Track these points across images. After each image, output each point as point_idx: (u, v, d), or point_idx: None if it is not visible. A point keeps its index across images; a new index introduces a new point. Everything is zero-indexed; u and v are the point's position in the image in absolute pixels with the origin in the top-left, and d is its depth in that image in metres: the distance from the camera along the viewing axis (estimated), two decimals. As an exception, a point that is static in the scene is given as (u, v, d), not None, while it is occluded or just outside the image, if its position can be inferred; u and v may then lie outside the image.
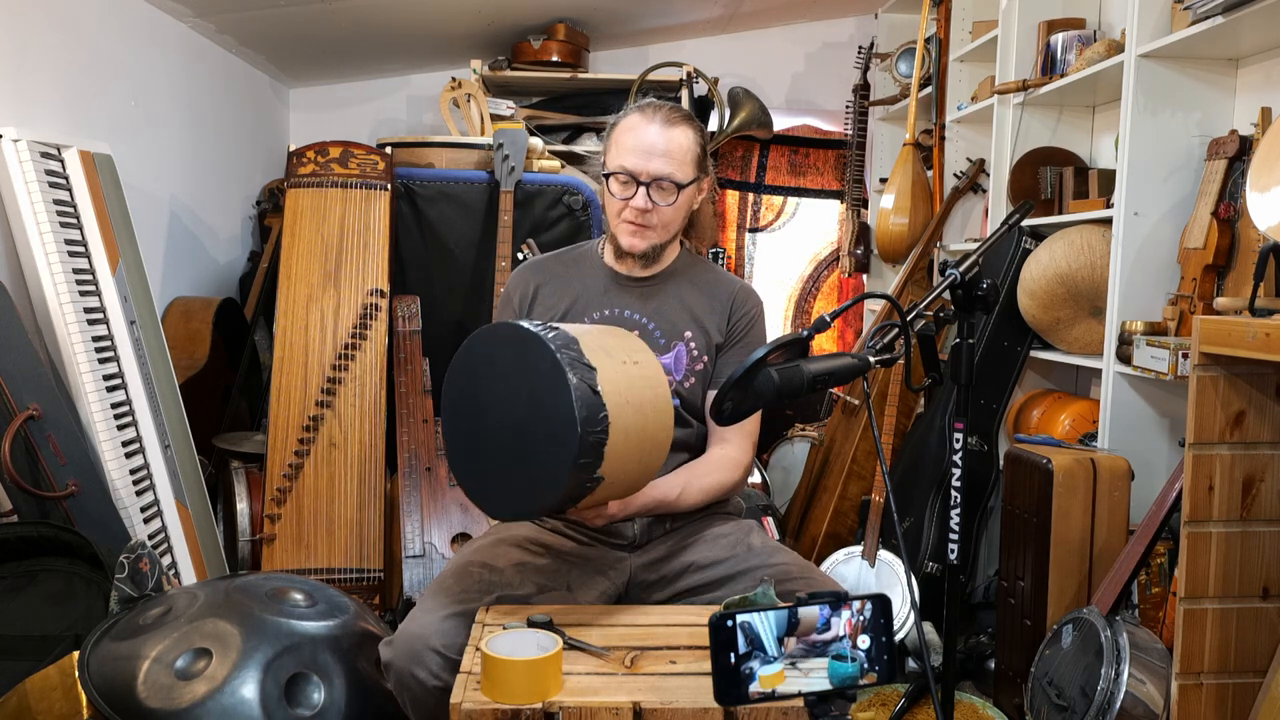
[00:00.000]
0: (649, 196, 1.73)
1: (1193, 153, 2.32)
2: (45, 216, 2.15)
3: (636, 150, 1.73)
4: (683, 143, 1.74)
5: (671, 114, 1.76)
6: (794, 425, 3.73)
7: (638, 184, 1.73)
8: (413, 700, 1.51)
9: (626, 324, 1.80)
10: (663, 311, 1.82)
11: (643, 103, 1.80)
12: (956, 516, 1.59)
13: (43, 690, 1.64)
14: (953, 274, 1.51)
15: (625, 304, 1.82)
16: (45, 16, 2.41)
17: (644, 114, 1.76)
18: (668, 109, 1.76)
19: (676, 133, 1.74)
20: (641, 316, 1.81)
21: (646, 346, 1.58)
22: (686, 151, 1.75)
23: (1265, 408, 1.74)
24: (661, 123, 1.73)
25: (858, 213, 4.04)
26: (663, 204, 1.74)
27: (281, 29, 3.42)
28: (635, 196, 1.74)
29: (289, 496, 2.70)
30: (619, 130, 1.77)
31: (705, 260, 1.93)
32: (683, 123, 1.76)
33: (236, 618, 1.66)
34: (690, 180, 1.76)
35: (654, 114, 1.75)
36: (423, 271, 3.14)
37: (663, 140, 1.72)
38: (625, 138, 1.75)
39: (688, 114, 1.79)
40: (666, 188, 1.73)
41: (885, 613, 1.18)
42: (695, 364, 1.80)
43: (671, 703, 1.25)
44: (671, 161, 1.73)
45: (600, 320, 1.81)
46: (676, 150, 1.73)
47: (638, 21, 3.94)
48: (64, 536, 1.88)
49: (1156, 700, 1.87)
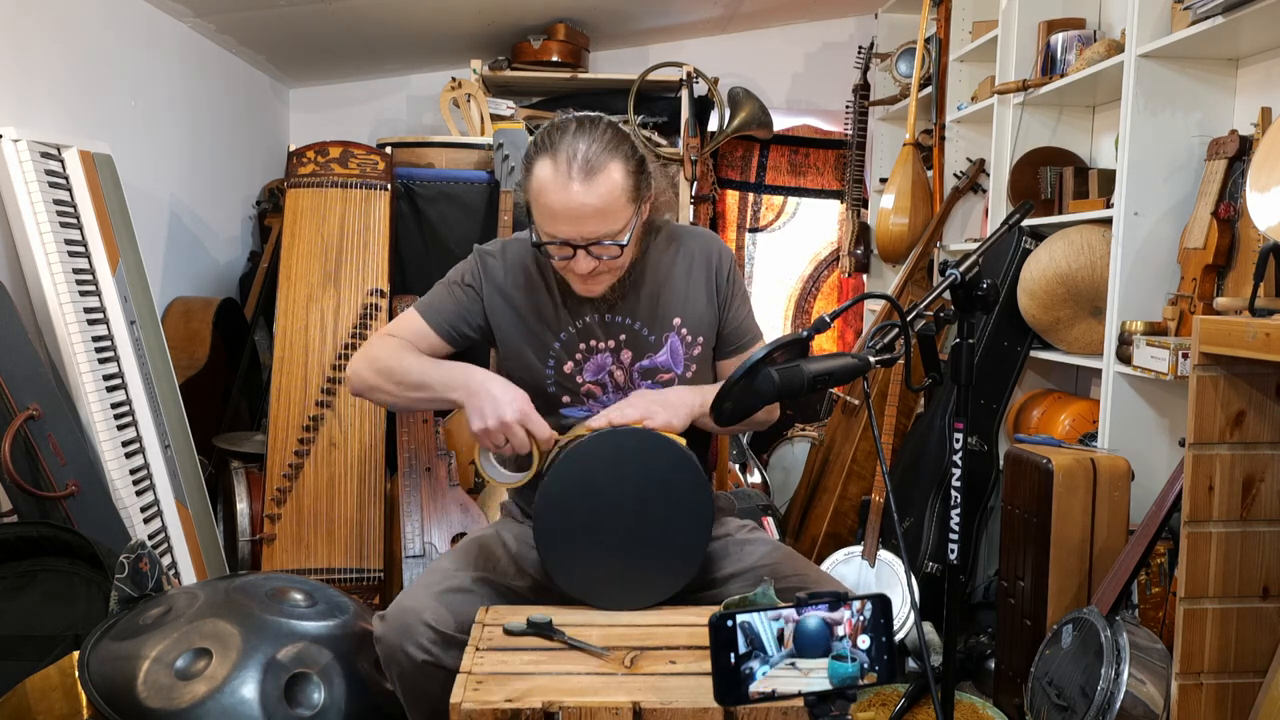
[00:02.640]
0: (591, 256, 1.54)
1: (1193, 153, 2.32)
2: (45, 216, 2.15)
3: (561, 216, 1.50)
4: (611, 192, 1.50)
5: (590, 154, 1.49)
6: (794, 425, 3.73)
7: (574, 248, 1.53)
8: (400, 675, 1.51)
9: (612, 329, 1.69)
10: (644, 307, 1.69)
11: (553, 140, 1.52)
12: (956, 516, 1.59)
13: (43, 690, 1.64)
14: (953, 274, 1.51)
15: (607, 308, 1.68)
16: (45, 16, 2.41)
17: (558, 167, 1.49)
18: (583, 151, 1.49)
19: (600, 184, 1.49)
20: (626, 319, 1.69)
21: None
22: (618, 197, 1.51)
23: (1265, 408, 1.74)
24: (581, 176, 1.48)
25: (858, 213, 4.04)
26: (608, 257, 1.55)
27: (281, 29, 3.42)
28: (575, 261, 1.55)
29: (289, 496, 2.70)
30: (535, 186, 1.52)
31: (667, 227, 1.75)
32: (607, 159, 1.50)
33: (236, 618, 1.66)
34: (631, 221, 1.55)
35: (569, 166, 1.48)
36: (423, 271, 3.14)
37: (588, 199, 1.49)
38: (544, 199, 1.51)
39: (610, 137, 1.53)
40: (608, 245, 1.53)
41: (885, 613, 1.18)
42: (692, 349, 1.71)
43: (671, 703, 1.25)
44: (604, 219, 1.51)
45: (584, 326, 1.68)
46: (607, 205, 1.50)
47: (638, 21, 3.94)
48: (64, 536, 1.88)
49: (1156, 700, 1.87)
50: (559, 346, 1.69)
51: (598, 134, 1.52)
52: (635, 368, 1.70)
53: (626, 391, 1.70)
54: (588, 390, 1.71)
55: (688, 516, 1.54)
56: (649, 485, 1.52)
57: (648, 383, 1.71)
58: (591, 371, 1.70)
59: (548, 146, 1.52)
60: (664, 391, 1.66)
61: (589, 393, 1.71)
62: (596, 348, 1.69)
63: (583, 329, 1.68)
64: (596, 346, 1.69)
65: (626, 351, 1.70)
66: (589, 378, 1.70)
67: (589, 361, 1.69)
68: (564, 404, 1.71)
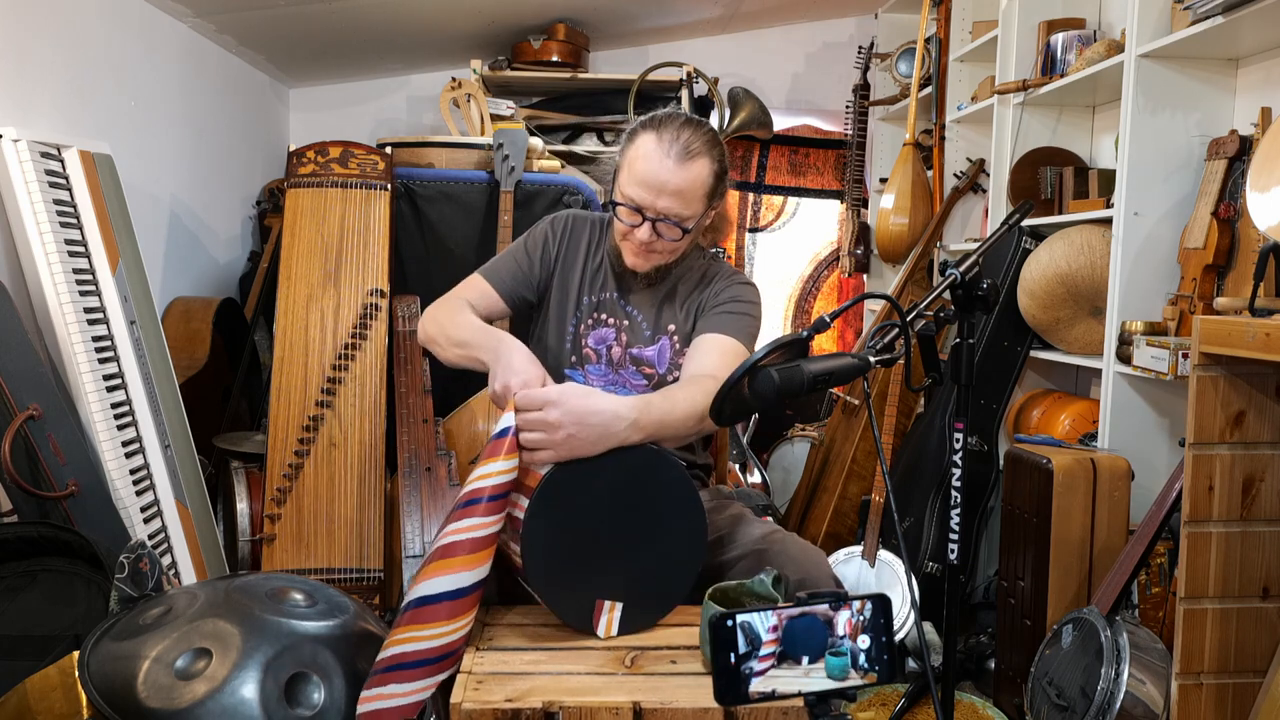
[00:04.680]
0: (654, 230, 1.67)
1: (1193, 153, 2.32)
2: (45, 216, 2.15)
3: (646, 184, 1.63)
4: (697, 179, 1.64)
5: (690, 144, 1.64)
6: (794, 425, 3.73)
7: (644, 217, 1.66)
8: None
9: (616, 310, 1.79)
10: (653, 306, 1.80)
11: (662, 121, 1.66)
12: (956, 516, 1.59)
13: (43, 690, 1.64)
14: (953, 274, 1.51)
15: (621, 293, 1.81)
16: (45, 16, 2.41)
17: (660, 142, 1.64)
18: (686, 138, 1.64)
19: (691, 169, 1.63)
20: (632, 309, 1.80)
21: None
22: (700, 187, 1.66)
23: (1265, 408, 1.74)
24: (677, 158, 1.62)
25: (858, 213, 4.04)
26: (668, 238, 1.68)
27: (281, 29, 3.42)
28: (640, 229, 1.67)
29: (289, 496, 2.70)
30: (633, 152, 1.67)
31: (712, 258, 1.88)
32: (700, 155, 1.65)
33: (236, 618, 1.66)
34: (700, 215, 1.69)
35: (670, 145, 1.63)
36: (423, 271, 3.14)
37: (675, 178, 1.62)
38: (638, 165, 1.65)
39: (708, 139, 1.67)
40: (672, 225, 1.66)
41: (885, 613, 1.18)
42: (679, 356, 1.78)
43: (671, 703, 1.25)
44: (681, 200, 1.64)
45: (591, 305, 1.81)
46: (689, 189, 1.64)
47: (638, 21, 3.94)
48: (64, 536, 1.88)
49: (1156, 700, 1.87)
50: (581, 310, 1.83)
51: (701, 131, 1.67)
52: (628, 351, 1.81)
53: (617, 370, 1.79)
54: (587, 354, 1.81)
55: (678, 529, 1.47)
56: (634, 506, 1.45)
57: (631, 370, 1.79)
58: (595, 340, 1.82)
59: (656, 125, 1.66)
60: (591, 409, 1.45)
61: (586, 356, 1.81)
62: (605, 320, 1.81)
63: (600, 302, 1.82)
64: (605, 320, 1.81)
65: (625, 334, 1.80)
66: (591, 344, 1.81)
67: (596, 329, 1.81)
68: (570, 362, 1.82)
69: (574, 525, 1.42)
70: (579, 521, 1.43)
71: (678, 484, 1.47)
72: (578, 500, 1.42)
